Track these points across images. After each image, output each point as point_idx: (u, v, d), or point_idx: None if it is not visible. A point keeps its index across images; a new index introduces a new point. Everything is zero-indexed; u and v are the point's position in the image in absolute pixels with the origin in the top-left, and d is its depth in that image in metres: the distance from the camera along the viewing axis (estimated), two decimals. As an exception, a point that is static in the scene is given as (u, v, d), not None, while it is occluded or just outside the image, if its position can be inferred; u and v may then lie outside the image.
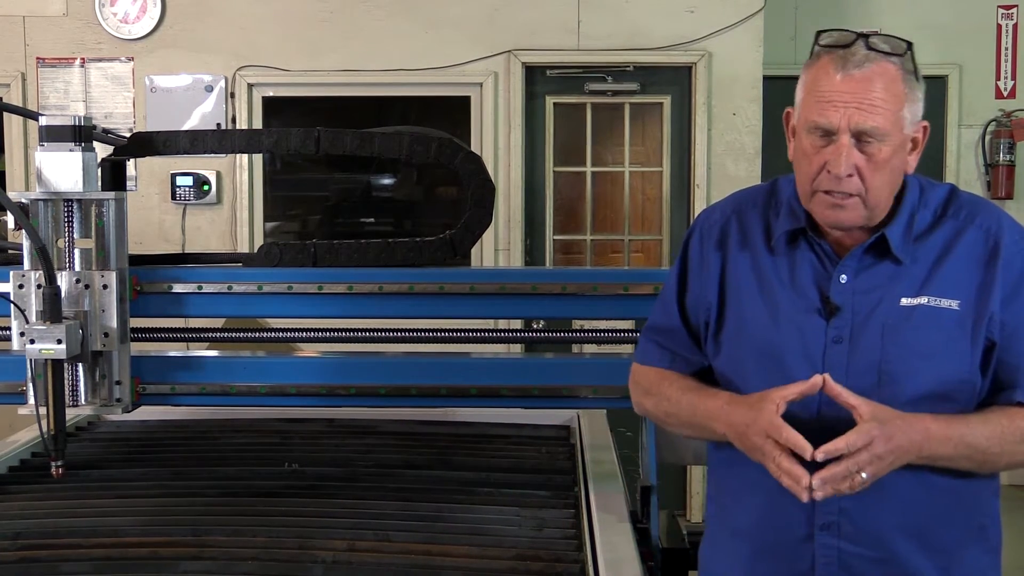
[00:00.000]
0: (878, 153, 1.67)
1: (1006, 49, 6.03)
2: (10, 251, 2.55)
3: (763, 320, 1.80)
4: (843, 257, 1.78)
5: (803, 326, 1.77)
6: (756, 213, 1.88)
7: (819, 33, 1.74)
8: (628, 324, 2.61)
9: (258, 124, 5.33)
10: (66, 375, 2.30)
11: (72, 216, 2.32)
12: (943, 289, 1.73)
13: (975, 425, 1.71)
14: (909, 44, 1.71)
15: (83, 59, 5.27)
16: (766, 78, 5.22)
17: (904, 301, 1.73)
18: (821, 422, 1.71)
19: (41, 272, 2.22)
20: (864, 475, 1.61)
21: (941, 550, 1.78)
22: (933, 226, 1.78)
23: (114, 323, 2.33)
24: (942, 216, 1.78)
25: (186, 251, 4.92)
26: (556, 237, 5.50)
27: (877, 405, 1.65)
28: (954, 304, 1.72)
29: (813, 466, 1.63)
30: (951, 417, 1.71)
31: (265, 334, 2.61)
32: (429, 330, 2.58)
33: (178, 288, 2.51)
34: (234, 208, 5.32)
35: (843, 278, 1.76)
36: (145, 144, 2.56)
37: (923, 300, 1.73)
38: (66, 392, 2.29)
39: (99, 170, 2.40)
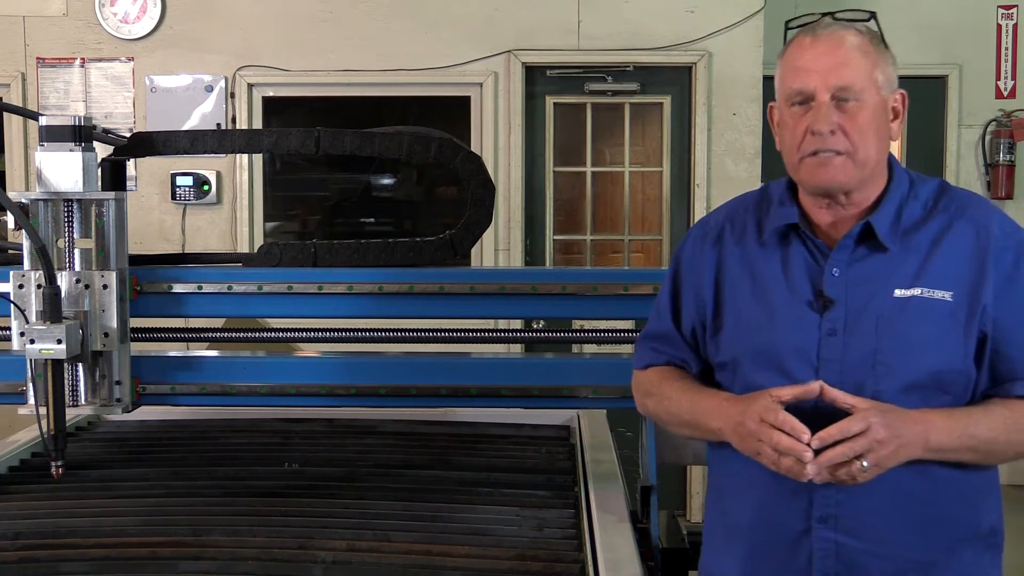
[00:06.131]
0: (857, 112, 1.72)
1: (1006, 49, 6.02)
2: (10, 251, 2.55)
3: (758, 317, 1.82)
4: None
5: (797, 321, 1.78)
6: (749, 215, 1.92)
7: (787, 26, 1.77)
8: (628, 324, 2.61)
9: (258, 124, 5.32)
10: (66, 375, 2.30)
11: (72, 216, 2.32)
12: (936, 281, 1.74)
13: (978, 416, 1.72)
14: (872, 13, 1.74)
15: (83, 59, 5.26)
16: (766, 78, 5.21)
17: (898, 293, 1.74)
18: (817, 415, 1.73)
19: (41, 272, 2.22)
20: (865, 463, 1.62)
21: (941, 543, 1.78)
22: (924, 219, 1.79)
23: (114, 323, 2.33)
24: (933, 209, 1.80)
25: (186, 251, 4.93)
26: (556, 237, 5.50)
27: (876, 403, 1.67)
28: (947, 296, 1.73)
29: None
30: (954, 410, 1.73)
31: (265, 334, 2.61)
32: (429, 330, 2.58)
33: (178, 288, 2.51)
34: (234, 208, 5.32)
35: (835, 271, 1.78)
36: (145, 144, 2.56)
37: (917, 292, 1.74)
38: (66, 392, 2.29)
39: (99, 170, 2.39)
